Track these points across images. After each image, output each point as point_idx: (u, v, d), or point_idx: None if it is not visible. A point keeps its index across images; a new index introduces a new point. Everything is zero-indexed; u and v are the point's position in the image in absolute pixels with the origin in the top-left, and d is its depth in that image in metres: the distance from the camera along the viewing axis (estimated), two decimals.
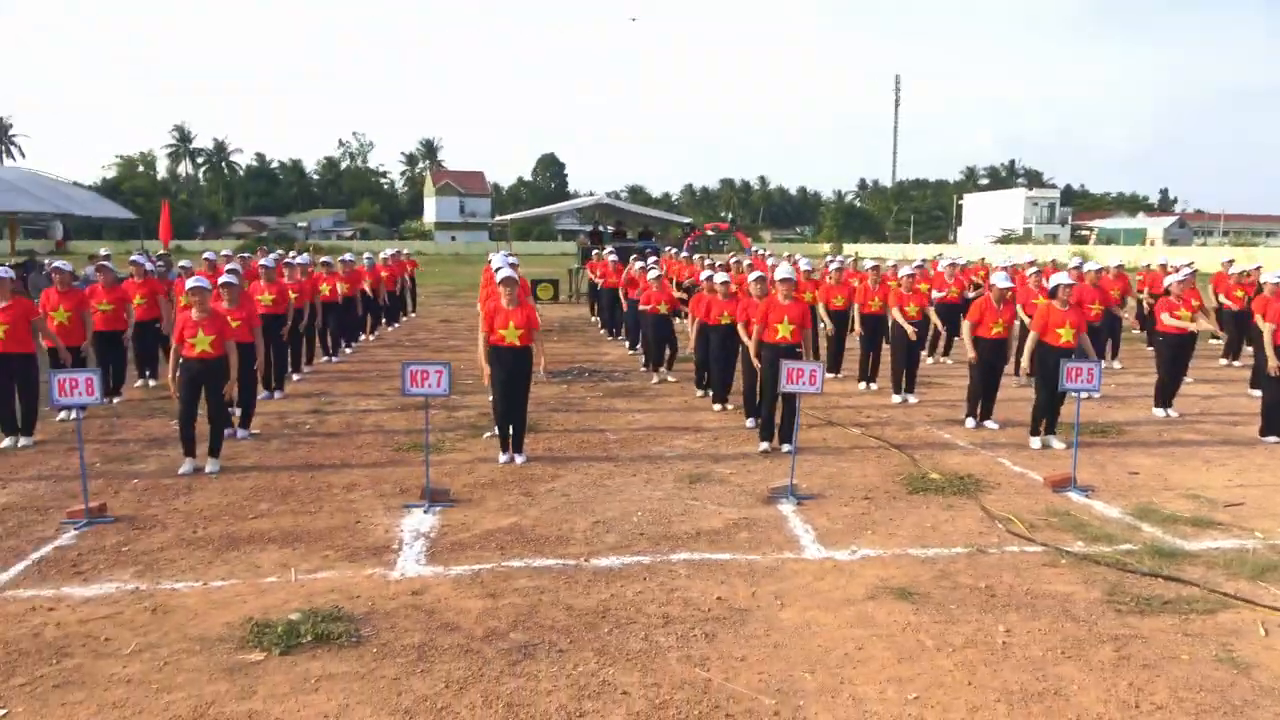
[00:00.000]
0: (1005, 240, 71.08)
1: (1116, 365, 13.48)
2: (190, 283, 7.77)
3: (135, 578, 5.33)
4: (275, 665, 4.29)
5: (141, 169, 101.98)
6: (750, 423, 9.25)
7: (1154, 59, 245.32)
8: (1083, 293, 10.76)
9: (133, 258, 11.43)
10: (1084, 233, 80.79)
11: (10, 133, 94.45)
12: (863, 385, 11.83)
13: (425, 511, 6.58)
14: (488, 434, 8.78)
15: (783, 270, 8.77)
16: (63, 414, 9.24)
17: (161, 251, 22.20)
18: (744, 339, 8.72)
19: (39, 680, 4.13)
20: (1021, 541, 6.06)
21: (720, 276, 10.20)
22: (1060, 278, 8.82)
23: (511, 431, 8.02)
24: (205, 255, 14.20)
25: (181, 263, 13.86)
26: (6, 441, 8.40)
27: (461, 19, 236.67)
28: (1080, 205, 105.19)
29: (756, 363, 8.47)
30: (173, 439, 7.96)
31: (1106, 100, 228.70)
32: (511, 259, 10.25)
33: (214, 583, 5.26)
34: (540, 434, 9.03)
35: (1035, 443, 8.67)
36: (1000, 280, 9.37)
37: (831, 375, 11.88)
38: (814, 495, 7.03)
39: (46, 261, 16.67)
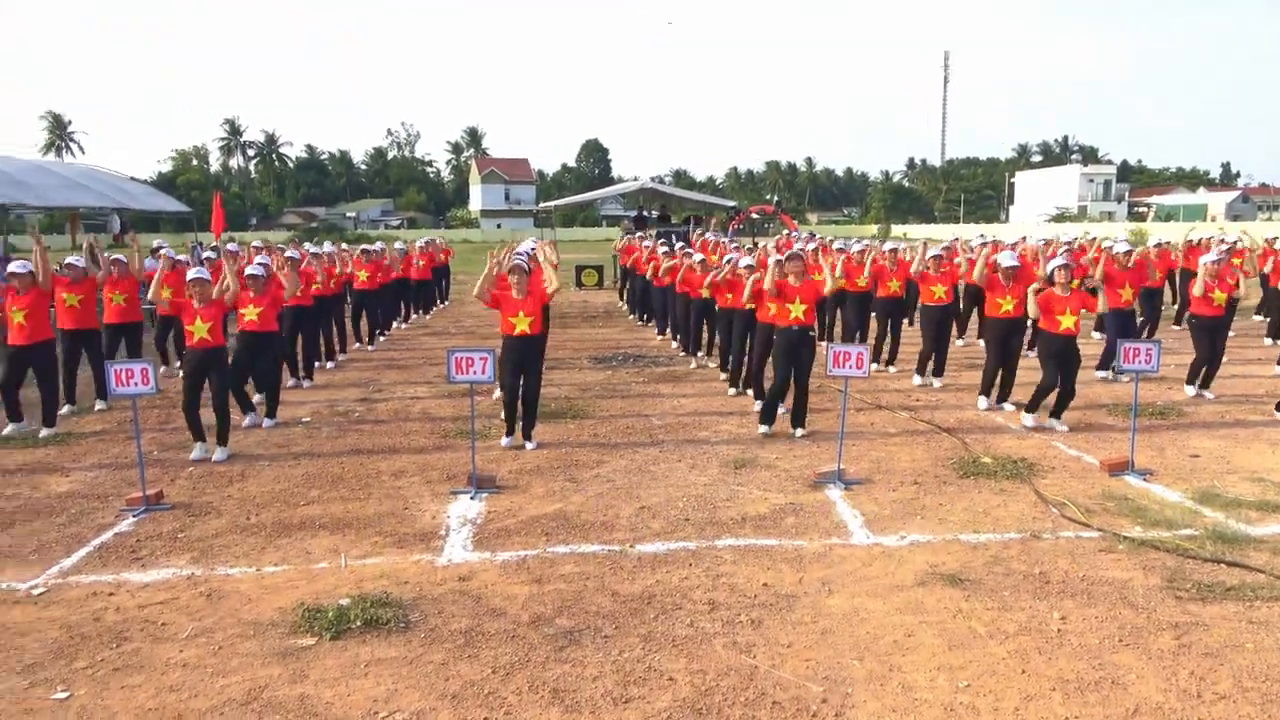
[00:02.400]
0: (1060, 219, 69.48)
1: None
2: (191, 274, 7.93)
3: (191, 564, 5.45)
4: (326, 650, 4.35)
5: (195, 162, 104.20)
6: (758, 405, 9.19)
7: (1213, 27, 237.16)
8: (1120, 275, 10.38)
9: (155, 247, 11.85)
10: (1141, 209, 78.66)
11: (69, 130, 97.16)
12: (881, 368, 11.65)
13: (472, 498, 6.62)
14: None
15: (794, 250, 8.59)
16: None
17: (214, 243, 22.67)
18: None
19: (100, 664, 4.25)
20: (1077, 527, 5.91)
21: (745, 260, 10.02)
22: (1056, 261, 8.47)
23: (522, 417, 8.04)
24: (229, 246, 14.60)
25: (206, 254, 14.20)
26: (10, 428, 8.65)
27: (506, 5, 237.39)
28: (1137, 181, 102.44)
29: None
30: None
31: (1165, 72, 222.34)
32: (532, 246, 10.17)
33: (267, 569, 5.36)
34: (585, 420, 9.05)
35: (1028, 420, 8.51)
36: (1006, 259, 9.10)
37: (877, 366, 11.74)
38: (861, 480, 6.95)
39: (104, 255, 17.12)
